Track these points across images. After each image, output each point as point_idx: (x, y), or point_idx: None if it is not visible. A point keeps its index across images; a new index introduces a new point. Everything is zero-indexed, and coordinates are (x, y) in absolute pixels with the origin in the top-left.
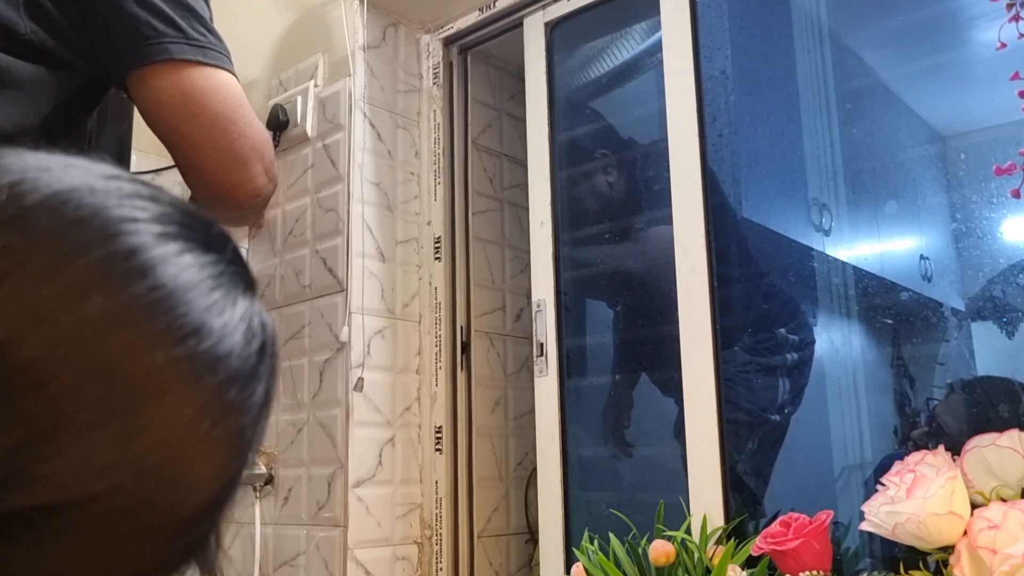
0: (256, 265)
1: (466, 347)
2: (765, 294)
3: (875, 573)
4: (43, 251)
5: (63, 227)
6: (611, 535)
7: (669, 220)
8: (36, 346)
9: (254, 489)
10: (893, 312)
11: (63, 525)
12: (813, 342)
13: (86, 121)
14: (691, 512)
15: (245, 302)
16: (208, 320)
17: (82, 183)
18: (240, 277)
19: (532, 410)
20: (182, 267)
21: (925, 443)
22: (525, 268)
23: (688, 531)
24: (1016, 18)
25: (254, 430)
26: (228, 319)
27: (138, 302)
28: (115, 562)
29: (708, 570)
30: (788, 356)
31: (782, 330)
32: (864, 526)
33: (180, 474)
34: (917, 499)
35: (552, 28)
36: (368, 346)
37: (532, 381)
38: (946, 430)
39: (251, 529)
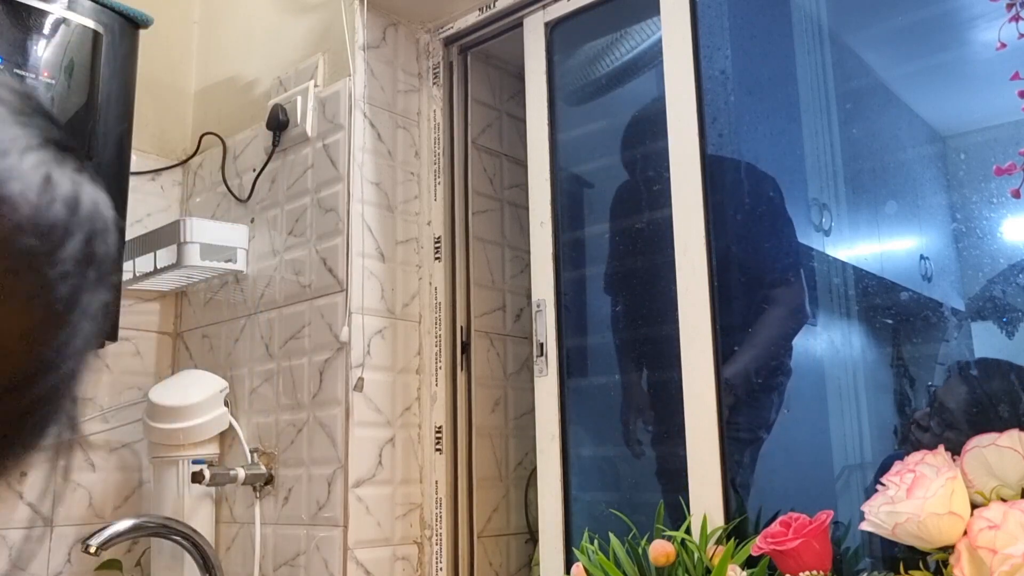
0: (256, 265)
1: (466, 347)
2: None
3: (875, 573)
4: None
5: None
6: (611, 535)
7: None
8: None
9: (254, 489)
10: (893, 312)
11: None
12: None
13: None
14: (691, 512)
15: (50, 157)
16: None
17: None
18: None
19: (532, 410)
20: None
21: (927, 424)
22: (525, 268)
23: (688, 531)
24: (1016, 18)
25: (69, 288)
26: (15, 163)
27: None
28: None
29: (708, 570)
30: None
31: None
32: (864, 526)
33: None
34: (917, 499)
35: (552, 28)
36: (368, 346)
37: (532, 381)
38: (948, 410)
39: (251, 529)
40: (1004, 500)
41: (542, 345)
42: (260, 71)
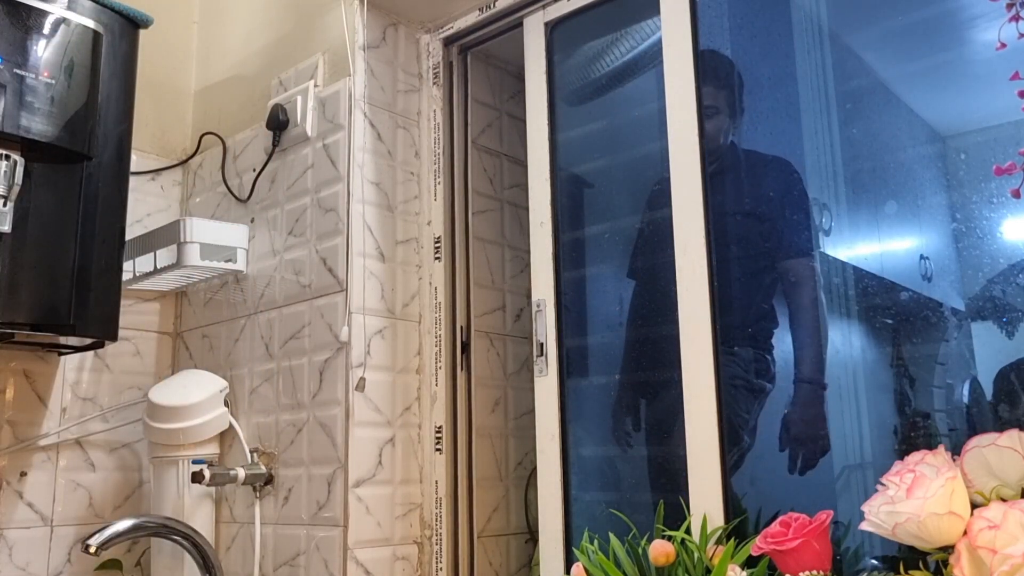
0: (256, 265)
1: (466, 347)
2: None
3: (875, 573)
4: None
5: None
6: (611, 535)
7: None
8: None
9: (254, 489)
10: (893, 312)
11: None
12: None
13: None
14: (691, 512)
15: None
16: None
17: None
18: None
19: (532, 410)
20: None
21: None
22: (525, 268)
23: (688, 531)
24: (1016, 18)
25: None
26: None
27: None
28: None
29: (708, 570)
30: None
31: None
32: (864, 526)
33: None
34: (917, 499)
35: (552, 28)
36: (368, 346)
37: (532, 381)
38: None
39: (251, 529)
40: (1004, 500)
41: (542, 345)
42: (260, 71)
